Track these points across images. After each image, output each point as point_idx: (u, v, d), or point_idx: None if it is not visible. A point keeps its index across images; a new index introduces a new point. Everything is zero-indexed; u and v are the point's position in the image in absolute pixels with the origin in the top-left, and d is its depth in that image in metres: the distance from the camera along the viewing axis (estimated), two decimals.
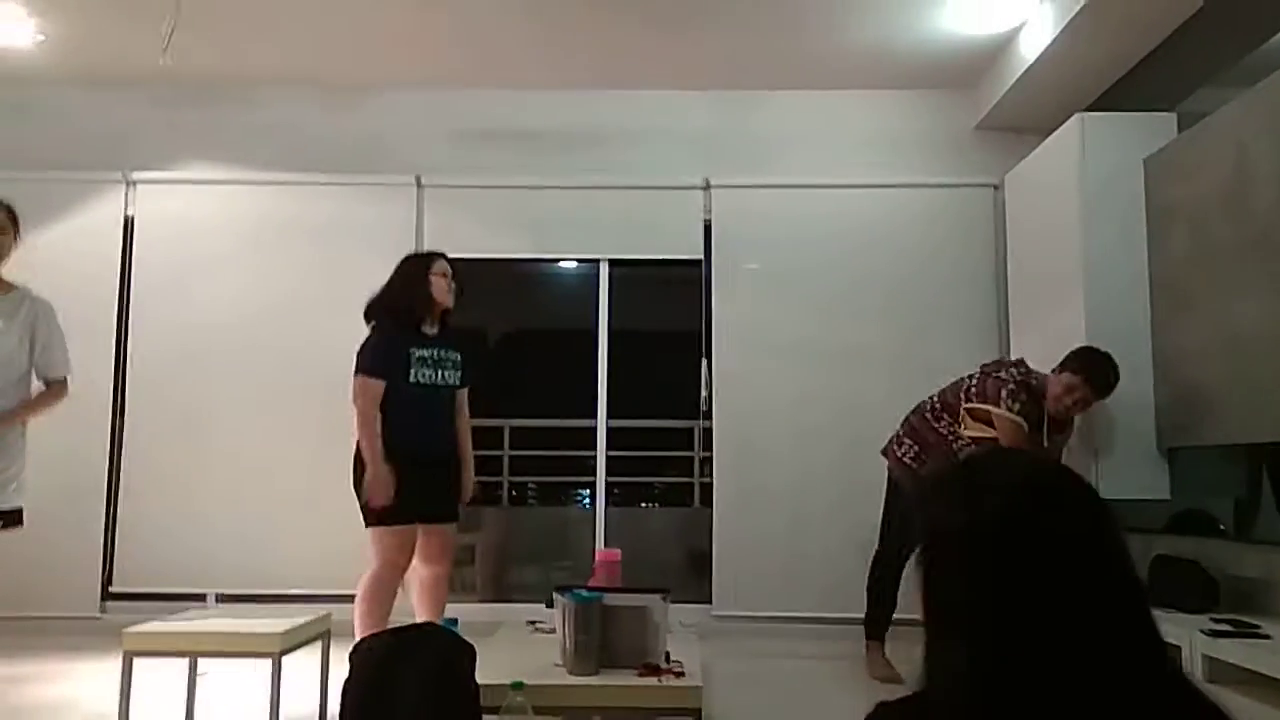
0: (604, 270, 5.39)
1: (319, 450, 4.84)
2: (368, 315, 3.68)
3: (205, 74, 5.20)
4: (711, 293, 5.25)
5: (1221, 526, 3.76)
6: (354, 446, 3.54)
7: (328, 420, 4.77)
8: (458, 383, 3.74)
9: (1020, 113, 4.95)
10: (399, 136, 5.37)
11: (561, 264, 5.82)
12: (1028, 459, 1.03)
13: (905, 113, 5.32)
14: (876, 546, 4.04)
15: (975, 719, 0.89)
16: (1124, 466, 3.95)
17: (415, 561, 3.60)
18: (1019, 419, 3.64)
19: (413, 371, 3.58)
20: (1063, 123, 4.30)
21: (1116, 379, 3.67)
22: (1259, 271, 3.30)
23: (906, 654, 4.01)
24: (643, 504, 6.64)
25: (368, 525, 3.50)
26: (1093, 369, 3.65)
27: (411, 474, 3.50)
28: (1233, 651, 3.01)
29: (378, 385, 3.51)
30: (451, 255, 4.52)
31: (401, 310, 3.63)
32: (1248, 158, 3.37)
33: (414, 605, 3.68)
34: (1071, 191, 4.17)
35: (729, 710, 2.52)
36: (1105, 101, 4.66)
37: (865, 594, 4.01)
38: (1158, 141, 4.01)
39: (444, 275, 3.72)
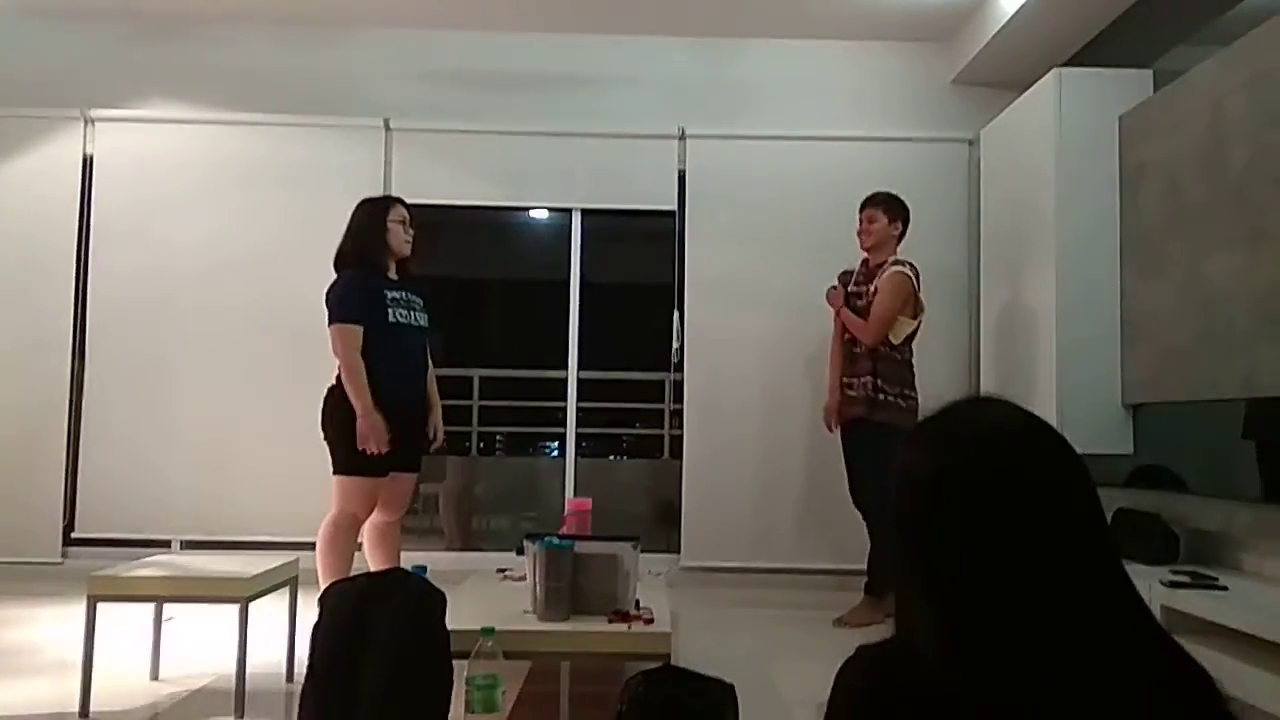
0: (576, 220, 5.33)
1: (285, 394, 4.78)
2: (337, 267, 3.60)
3: (168, 9, 5.03)
4: (684, 244, 5.21)
5: (1183, 480, 3.83)
6: (324, 390, 3.49)
7: (293, 364, 4.72)
8: (427, 325, 3.69)
9: (997, 67, 4.92)
10: (367, 78, 5.24)
11: (533, 213, 5.75)
12: (1000, 408, 1.02)
13: (883, 65, 5.27)
14: None
15: (946, 670, 0.89)
16: (1087, 421, 3.99)
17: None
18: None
19: (390, 312, 3.52)
20: (1039, 78, 4.29)
21: (894, 196, 4.34)
22: (1232, 229, 3.32)
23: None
24: (612, 456, 6.66)
25: (338, 473, 3.46)
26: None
27: (390, 423, 3.46)
28: (1190, 602, 3.08)
29: (356, 330, 3.43)
30: (420, 201, 4.45)
31: (360, 257, 3.55)
32: (1223, 116, 3.37)
33: (367, 555, 3.64)
34: (1047, 147, 4.17)
35: (697, 656, 2.54)
36: (1082, 57, 4.65)
37: None
38: (1134, 98, 4.01)
39: (401, 222, 3.63)
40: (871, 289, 4.23)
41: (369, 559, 3.63)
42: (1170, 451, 3.93)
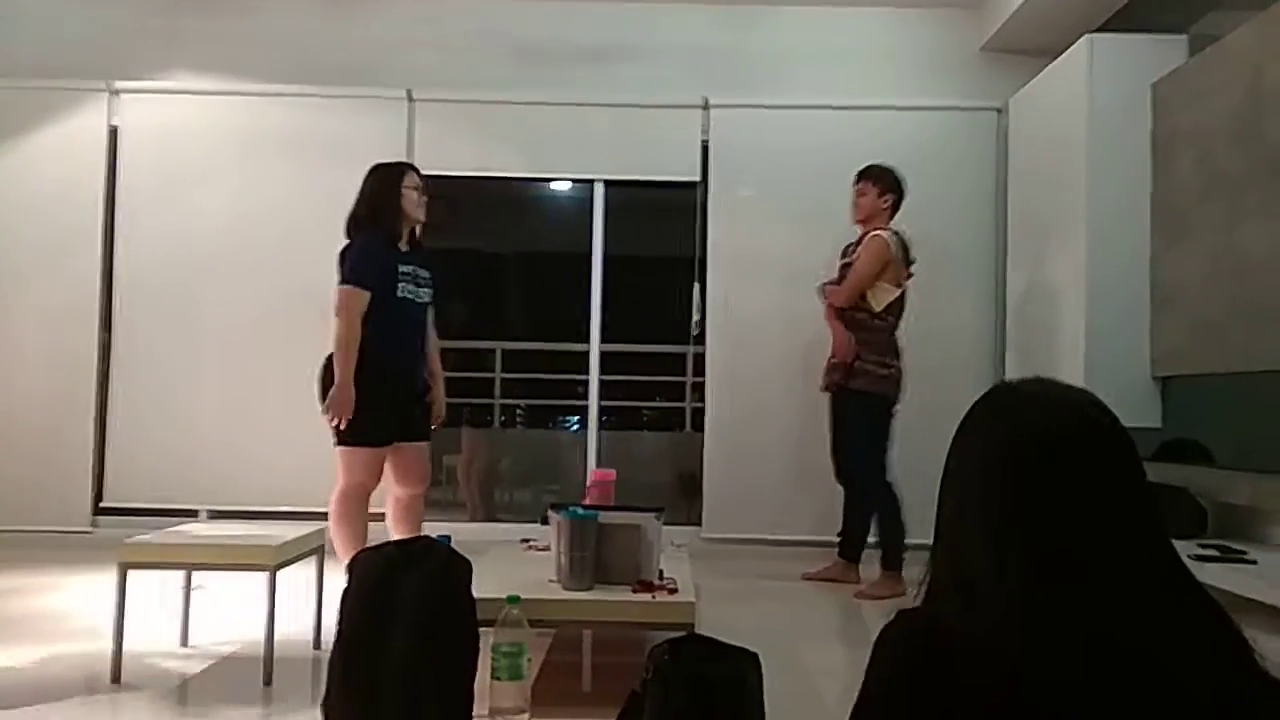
0: (599, 192, 5.31)
1: (310, 364, 4.75)
2: (349, 230, 3.57)
3: None
4: (707, 216, 5.17)
5: (1210, 454, 3.79)
6: (324, 360, 3.50)
7: (318, 334, 4.69)
8: (430, 300, 3.68)
9: (1028, 33, 4.84)
10: (390, 48, 5.22)
11: (555, 185, 5.73)
12: (1049, 388, 1.02)
13: (910, 32, 5.20)
14: None
15: (995, 638, 0.89)
16: (1116, 394, 3.89)
17: (392, 484, 3.57)
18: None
19: (399, 286, 3.51)
20: (1071, 44, 4.21)
21: (885, 169, 4.26)
22: (1268, 198, 3.26)
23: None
24: (633, 429, 6.66)
25: (340, 444, 3.44)
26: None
27: (389, 393, 3.46)
28: (1218, 576, 3.05)
29: (364, 296, 3.42)
30: (442, 172, 4.41)
31: (375, 222, 3.53)
32: (1261, 82, 3.30)
33: (390, 528, 3.63)
34: (1078, 115, 4.10)
35: (720, 627, 2.55)
36: (1115, 23, 4.56)
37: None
38: (1168, 65, 3.94)
39: (415, 188, 3.60)
40: (855, 256, 4.20)
41: (392, 532, 3.63)
42: (1198, 424, 3.88)
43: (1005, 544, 0.92)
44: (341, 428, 3.38)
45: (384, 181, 3.59)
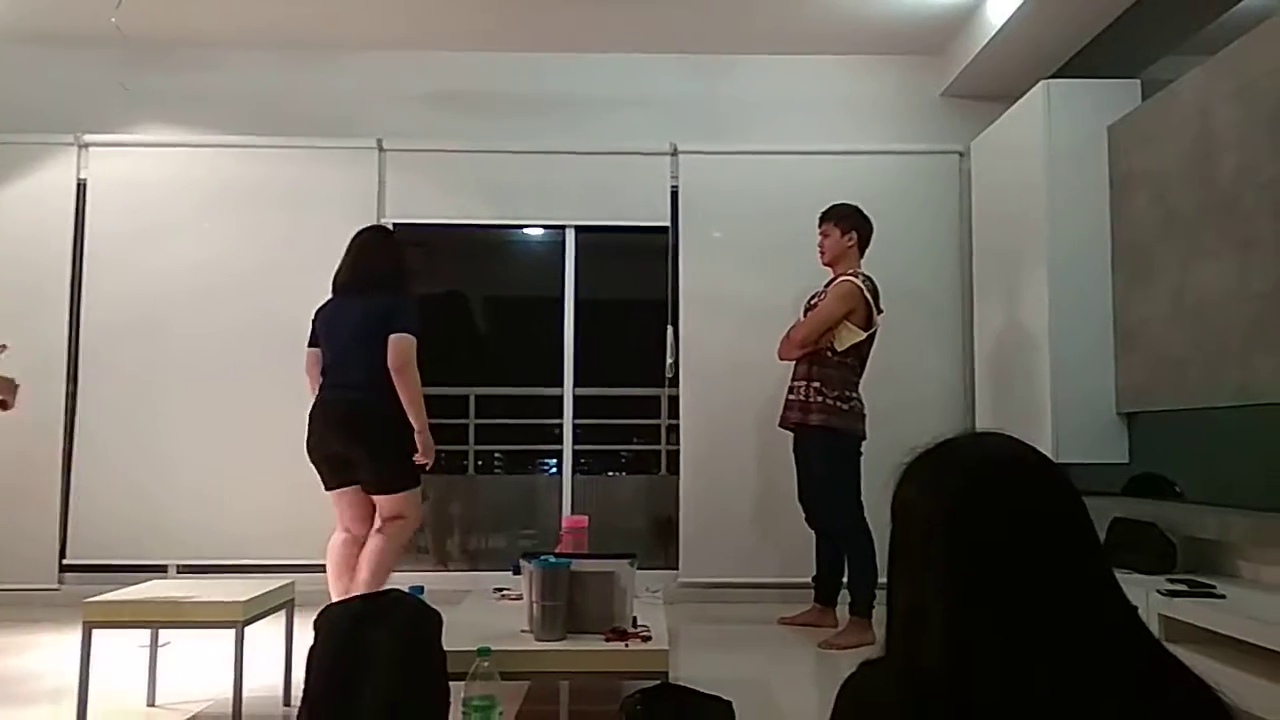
0: (570, 237, 5.35)
1: (279, 416, 4.75)
2: (404, 284, 3.66)
3: (160, 34, 5.04)
4: (678, 260, 5.22)
5: (1178, 489, 3.83)
6: (378, 407, 3.48)
7: (288, 386, 4.69)
8: None
9: (987, 79, 4.95)
10: (360, 99, 5.26)
11: (527, 231, 5.76)
12: (994, 441, 1.04)
13: (873, 79, 5.30)
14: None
15: (949, 692, 0.90)
16: (1083, 430, 4.01)
17: (358, 523, 3.57)
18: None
19: None
20: (1028, 90, 4.31)
21: (846, 208, 4.31)
22: (1221, 238, 3.33)
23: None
24: (609, 472, 6.64)
25: (409, 487, 3.51)
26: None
27: None
28: (1188, 611, 3.07)
29: None
30: (414, 221, 4.40)
31: (406, 285, 3.70)
32: (1211, 125, 3.39)
33: (342, 572, 3.56)
34: (1036, 158, 4.19)
35: (696, 674, 2.54)
36: (1071, 68, 4.68)
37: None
38: (1122, 108, 4.03)
39: None
40: (821, 298, 4.26)
41: (345, 574, 3.56)
42: (1165, 460, 3.93)
43: (944, 599, 0.93)
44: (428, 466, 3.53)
45: (404, 250, 3.75)
